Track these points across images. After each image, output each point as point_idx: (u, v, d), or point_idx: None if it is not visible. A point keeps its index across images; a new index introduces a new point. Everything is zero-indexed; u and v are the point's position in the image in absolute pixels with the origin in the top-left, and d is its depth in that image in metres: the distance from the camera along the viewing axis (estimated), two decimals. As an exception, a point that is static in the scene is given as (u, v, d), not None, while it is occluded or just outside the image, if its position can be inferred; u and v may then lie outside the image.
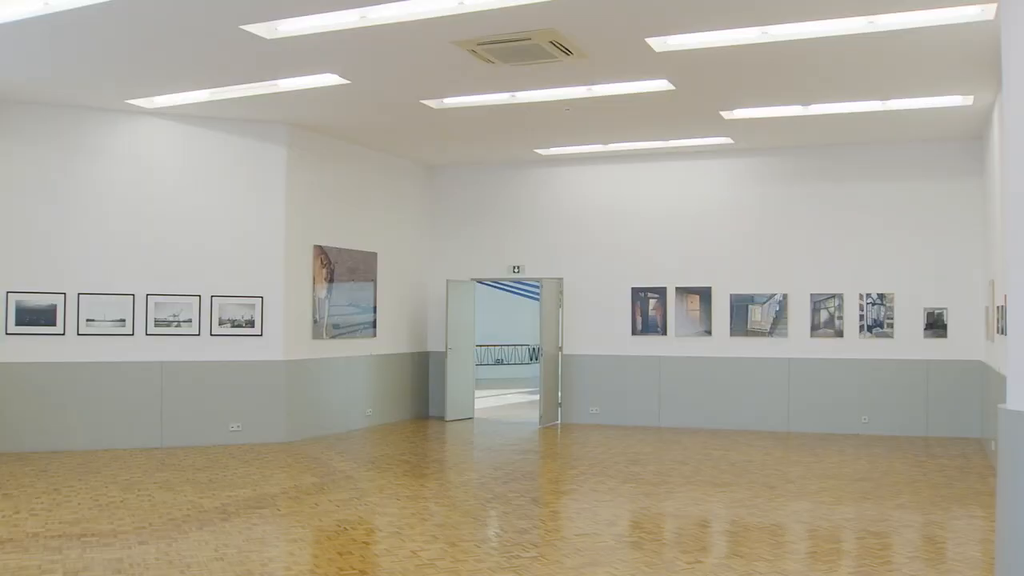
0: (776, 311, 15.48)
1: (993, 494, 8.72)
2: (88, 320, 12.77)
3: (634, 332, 16.28)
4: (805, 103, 12.52)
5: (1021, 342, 6.97)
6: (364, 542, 7.94)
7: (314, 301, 14.37)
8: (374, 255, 15.87)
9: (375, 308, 15.84)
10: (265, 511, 9.05)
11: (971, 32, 9.26)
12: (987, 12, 8.71)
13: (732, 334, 15.73)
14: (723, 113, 13.00)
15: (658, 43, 9.79)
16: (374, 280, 15.85)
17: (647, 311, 16.21)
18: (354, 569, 6.98)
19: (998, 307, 10.85)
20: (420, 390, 17.41)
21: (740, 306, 15.69)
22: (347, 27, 9.24)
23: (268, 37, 9.52)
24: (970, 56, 10.10)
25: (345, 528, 8.40)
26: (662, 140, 15.09)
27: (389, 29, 9.26)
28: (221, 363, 13.44)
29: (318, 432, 14.38)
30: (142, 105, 12.67)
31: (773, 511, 9.29)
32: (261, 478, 10.83)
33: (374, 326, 15.83)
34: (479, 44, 9.66)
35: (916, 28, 9.19)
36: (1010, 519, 6.87)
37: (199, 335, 13.33)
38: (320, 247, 14.50)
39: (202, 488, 10.15)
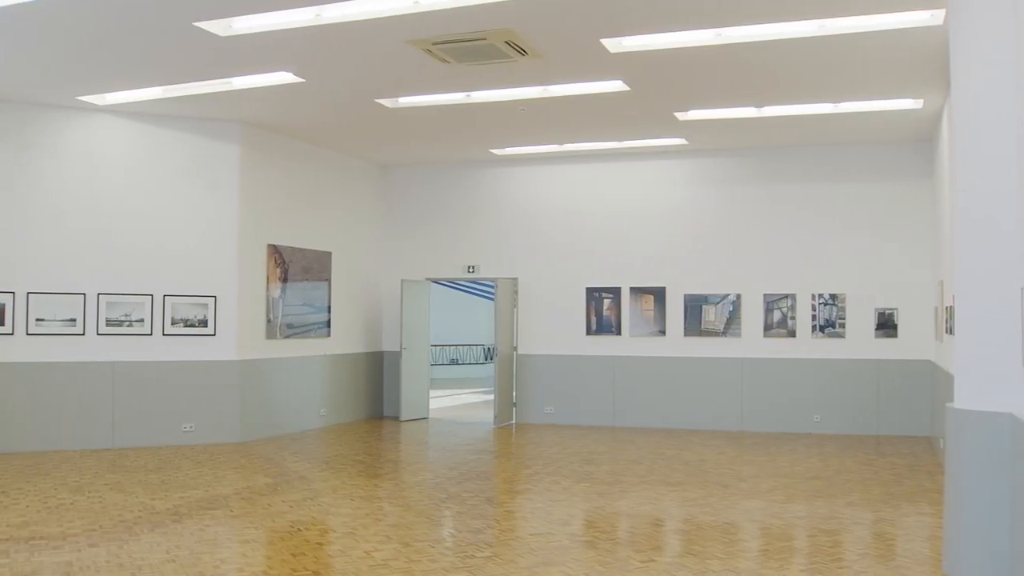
0: (730, 311, 15.59)
1: (941, 491, 8.83)
2: (38, 320, 12.59)
3: (589, 332, 16.33)
4: (758, 105, 12.63)
5: (968, 342, 7.09)
6: (318, 543, 7.90)
7: (268, 301, 14.28)
8: (328, 254, 15.80)
9: (329, 308, 15.77)
10: (218, 512, 8.98)
11: (921, 37, 9.39)
12: (936, 17, 8.84)
13: (686, 334, 15.82)
14: (677, 114, 13.08)
15: (613, 44, 9.83)
16: (328, 280, 15.78)
17: (602, 311, 16.27)
18: (307, 570, 6.94)
19: (947, 308, 11.00)
20: (374, 390, 17.35)
21: (694, 306, 15.78)
22: (302, 25, 9.19)
23: (222, 34, 9.44)
24: (920, 60, 10.23)
25: (299, 529, 8.36)
26: (617, 141, 15.16)
27: (344, 28, 9.23)
28: (174, 363, 13.32)
29: (272, 432, 14.29)
30: (94, 102, 12.52)
31: (726, 510, 9.36)
32: (214, 479, 10.75)
33: (328, 326, 15.75)
34: (434, 44, 9.65)
35: (867, 32, 9.30)
36: (957, 516, 6.98)
37: (151, 335, 13.20)
38: (274, 246, 14.41)
39: (154, 489, 10.05)
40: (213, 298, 13.49)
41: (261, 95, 12.04)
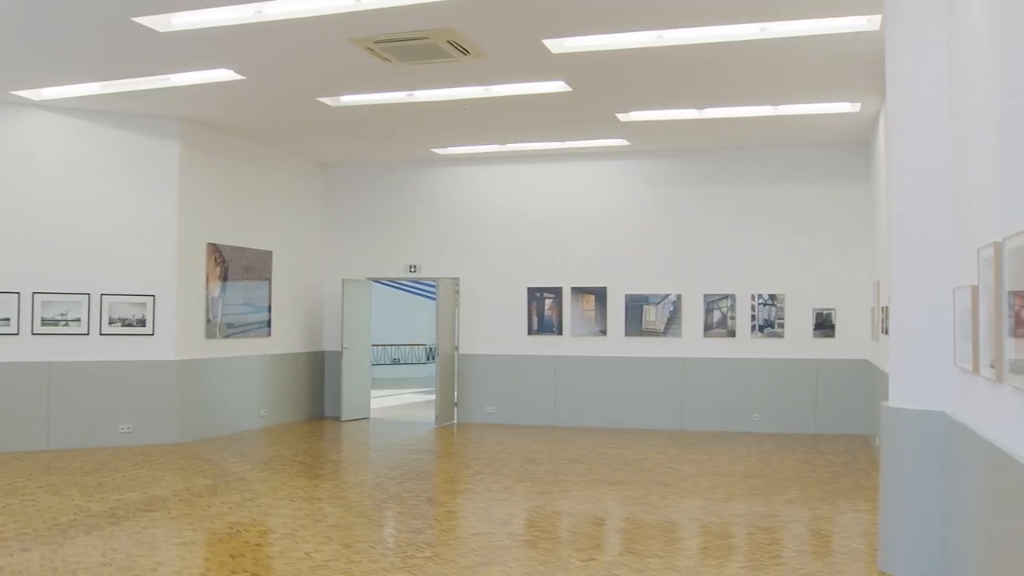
0: (670, 311, 15.71)
1: (877, 488, 8.97)
2: (-30, 319, 12.38)
3: (530, 332, 16.37)
4: (699, 107, 12.74)
5: (902, 343, 7.21)
6: (257, 544, 7.84)
7: (207, 300, 14.13)
8: (269, 254, 15.68)
9: (270, 307, 15.65)
10: (155, 514, 8.88)
11: (858, 41, 9.53)
12: (873, 23, 8.98)
13: (627, 334, 15.91)
14: (619, 115, 13.15)
15: (555, 44, 9.86)
16: (269, 279, 15.66)
17: (543, 311, 16.32)
18: (247, 572, 6.89)
19: (883, 308, 11.17)
20: (315, 390, 17.25)
21: (635, 306, 15.88)
22: (242, 22, 9.11)
23: (161, 30, 9.33)
24: (857, 65, 10.39)
25: (238, 530, 8.29)
26: (559, 141, 15.20)
27: (285, 25, 9.16)
28: (111, 363, 13.13)
29: (211, 433, 14.15)
30: (29, 97, 12.31)
31: (666, 508, 9.43)
32: (152, 480, 10.62)
33: (269, 325, 15.64)
34: (376, 42, 9.61)
35: (806, 36, 9.43)
36: (891, 512, 7.10)
37: (88, 335, 13.00)
38: (214, 245, 14.27)
39: (90, 491, 9.91)
40: (151, 297, 13.32)
41: (201, 92, 11.91)
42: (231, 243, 14.68)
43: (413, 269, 17.16)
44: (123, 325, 13.21)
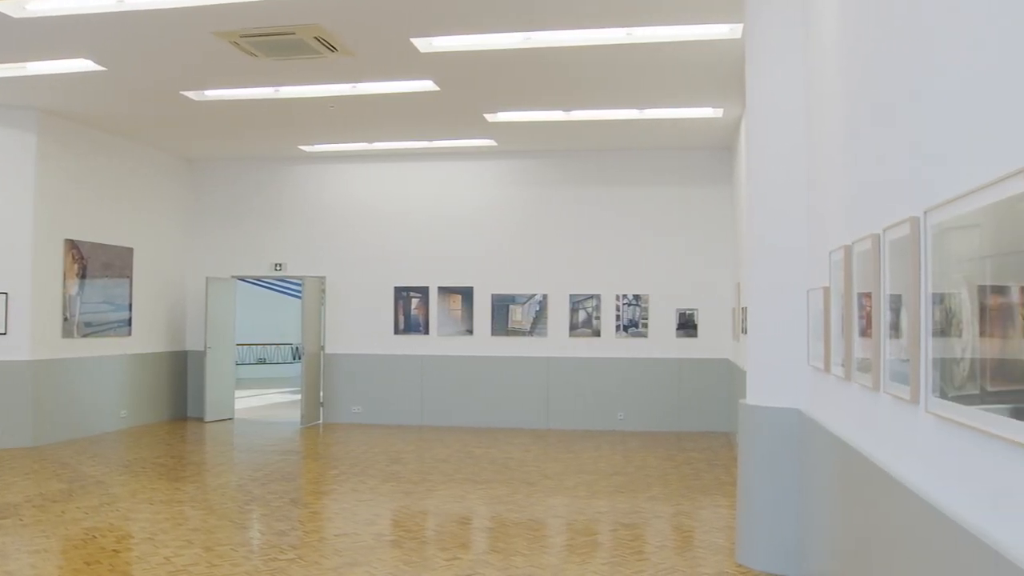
0: (536, 311, 15.85)
1: (736, 484, 9.21)
2: None
3: (397, 331, 16.31)
4: (567, 108, 12.88)
5: (759, 343, 7.43)
6: (114, 550, 7.63)
7: (64, 298, 13.68)
8: (130, 250, 15.26)
9: (131, 306, 15.24)
10: (6, 522, 8.55)
11: (721, 48, 9.78)
12: (735, 31, 9.22)
13: (493, 333, 15.99)
14: (487, 115, 13.21)
15: (423, 43, 9.86)
16: (130, 276, 15.24)
17: (410, 310, 16.28)
18: (104, 577, 6.71)
19: (743, 308, 11.46)
20: (178, 390, 16.86)
21: (501, 306, 15.97)
22: (103, 10, 8.85)
23: (15, 16, 8.99)
24: (720, 71, 10.65)
25: (94, 536, 8.05)
26: (427, 140, 15.19)
27: (148, 16, 8.94)
28: (-41, 363, 12.63)
29: (68, 436, 13.69)
30: None
31: (531, 507, 9.52)
32: (3, 486, 10.22)
33: (129, 324, 15.22)
34: (241, 36, 9.46)
35: (671, 42, 9.64)
36: (748, 507, 7.31)
37: (-66, 333, 12.49)
38: (72, 241, 13.82)
39: (-64, 496, 9.52)
40: (4, 295, 12.83)
41: (59, 82, 11.53)
42: (90, 239, 14.23)
43: (279, 267, 16.93)
44: (-27, 323, 12.72)
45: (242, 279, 17.88)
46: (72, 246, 13.84)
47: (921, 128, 3.68)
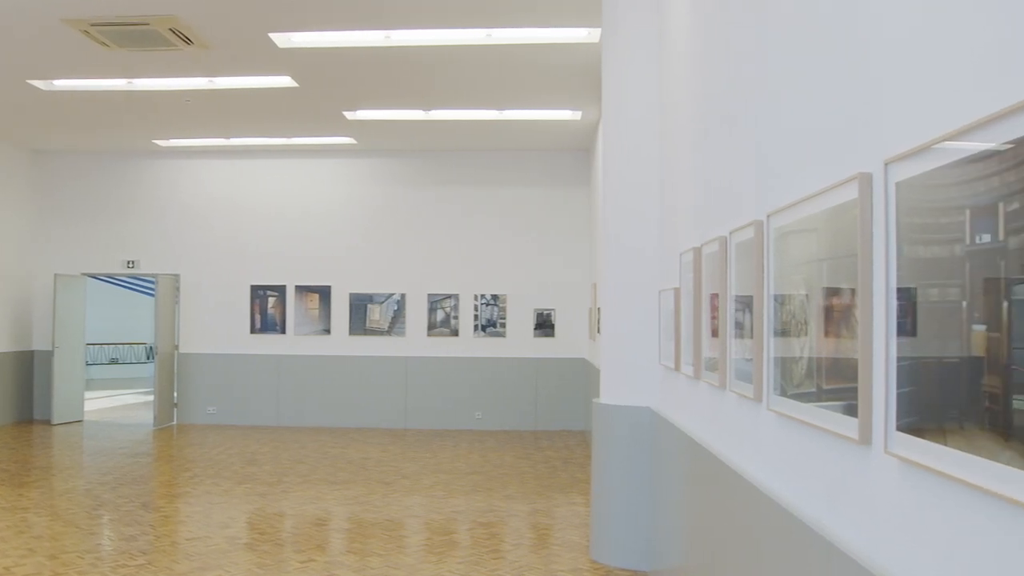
0: (394, 310, 15.81)
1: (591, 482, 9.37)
2: None
3: (253, 330, 16.05)
4: (426, 108, 12.87)
5: (612, 343, 7.57)
6: (-49, 557, 7.33)
7: None
8: (-31, 246, 14.65)
9: (-31, 303, 14.63)
10: None
11: (579, 52, 9.92)
12: (593, 35, 9.36)
13: (351, 333, 15.88)
14: (346, 113, 13.11)
15: (281, 39, 9.73)
16: (-31, 273, 14.63)
17: (266, 309, 16.04)
18: (-62, 586, 6.43)
19: (598, 308, 11.65)
20: (24, 391, 16.22)
21: (359, 305, 15.87)
22: (-60, -3, 8.48)
23: None
24: (578, 74, 10.80)
25: (-72, 542, 7.72)
26: (285, 137, 14.99)
27: (-10, 2, 8.60)
28: None
29: (-101, 438, 13.08)
30: None
31: (387, 507, 9.49)
32: None
33: (-32, 322, 14.61)
34: (92, 25, 9.16)
35: (530, 44, 9.73)
36: (602, 503, 7.44)
37: None
38: (-95, 235, 13.20)
39: None
40: None
41: None
42: (-75, 233, 13.61)
43: (131, 264, 16.46)
44: None
45: (93, 276, 17.32)
46: (-94, 241, 13.21)
47: (763, 136, 3.81)
